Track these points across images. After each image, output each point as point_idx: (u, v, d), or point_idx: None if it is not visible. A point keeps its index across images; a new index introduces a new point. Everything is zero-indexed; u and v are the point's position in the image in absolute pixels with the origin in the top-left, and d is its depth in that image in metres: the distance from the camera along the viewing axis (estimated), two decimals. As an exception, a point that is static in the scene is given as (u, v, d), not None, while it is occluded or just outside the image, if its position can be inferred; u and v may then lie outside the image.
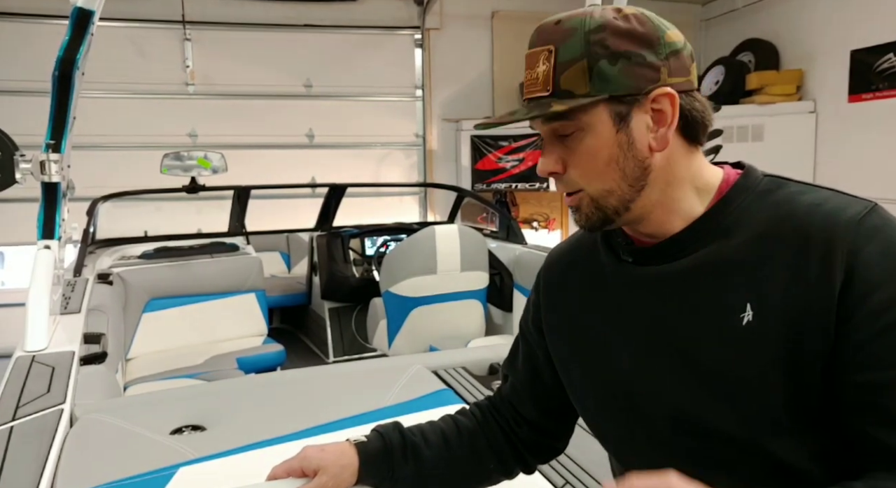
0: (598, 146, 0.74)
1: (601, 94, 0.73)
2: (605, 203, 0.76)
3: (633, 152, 0.75)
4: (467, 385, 1.64)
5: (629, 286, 0.81)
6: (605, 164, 0.75)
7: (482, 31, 6.09)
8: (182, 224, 4.63)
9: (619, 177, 0.75)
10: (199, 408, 1.43)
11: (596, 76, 0.72)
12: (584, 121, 0.74)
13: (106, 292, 2.66)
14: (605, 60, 0.73)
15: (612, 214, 0.77)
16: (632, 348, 0.81)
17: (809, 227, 0.69)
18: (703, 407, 0.74)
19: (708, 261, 0.75)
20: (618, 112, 0.74)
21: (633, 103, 0.74)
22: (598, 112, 0.74)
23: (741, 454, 0.72)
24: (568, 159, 0.76)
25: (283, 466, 0.91)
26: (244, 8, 5.51)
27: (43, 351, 1.69)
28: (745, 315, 0.70)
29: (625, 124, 0.74)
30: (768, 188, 0.76)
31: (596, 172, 0.75)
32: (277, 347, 3.23)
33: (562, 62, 0.73)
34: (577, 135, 0.75)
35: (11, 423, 1.29)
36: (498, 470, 0.99)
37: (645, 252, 0.80)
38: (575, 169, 0.76)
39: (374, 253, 4.01)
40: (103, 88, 4.98)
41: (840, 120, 4.92)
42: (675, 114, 0.75)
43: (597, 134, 0.74)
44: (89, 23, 1.75)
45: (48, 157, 1.84)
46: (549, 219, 5.97)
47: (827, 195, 0.72)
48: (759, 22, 5.66)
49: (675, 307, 0.77)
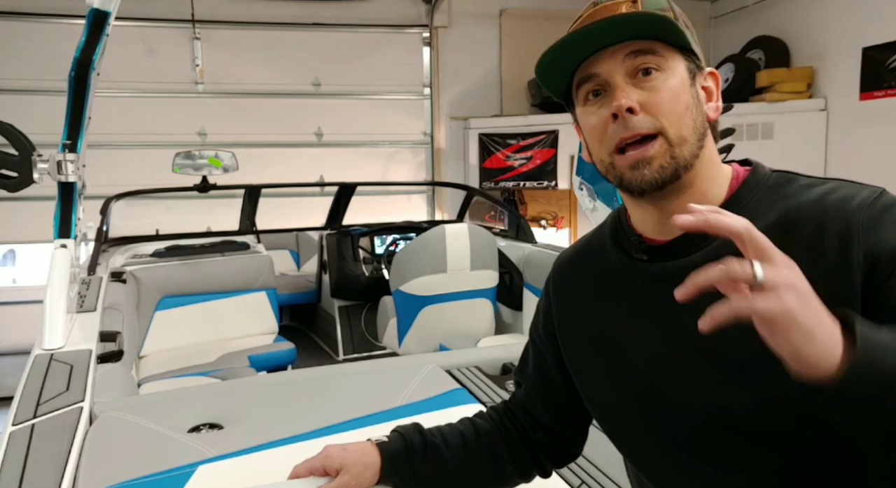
0: (680, 90, 0.75)
1: (687, 43, 0.75)
2: (680, 152, 0.74)
3: (700, 108, 0.77)
4: (481, 384, 1.65)
5: (645, 283, 0.81)
6: (685, 109, 0.75)
7: (490, 29, 6.09)
8: (192, 222, 4.65)
9: (692, 126, 0.75)
10: (215, 407, 1.44)
11: (683, 27, 0.75)
12: (669, 62, 0.75)
13: (120, 290, 2.68)
14: (682, 22, 0.76)
15: (681, 168, 0.75)
16: (652, 345, 0.80)
17: (823, 214, 0.70)
18: (726, 399, 0.73)
19: (724, 253, 0.74)
20: (690, 69, 0.77)
21: (698, 69, 0.78)
22: (679, 60, 0.76)
23: (765, 447, 0.72)
24: (647, 100, 0.74)
25: (306, 465, 0.92)
26: (253, 7, 5.52)
27: (61, 349, 1.70)
28: None
29: (694, 81, 0.77)
30: (778, 182, 0.76)
31: (677, 115, 0.74)
32: (289, 345, 3.24)
33: (652, 6, 0.75)
34: (659, 76, 0.74)
35: (33, 421, 1.31)
36: (515, 473, 1.00)
37: (659, 249, 0.80)
38: (656, 109, 0.74)
39: (384, 251, 4.02)
40: (114, 87, 5.00)
41: (851, 117, 4.89)
42: (719, 92, 0.80)
43: (678, 78, 0.75)
44: (105, 24, 1.76)
45: (65, 157, 1.86)
46: (558, 217, 5.97)
47: (836, 184, 0.73)
48: (770, 19, 5.63)
49: (693, 301, 0.77)
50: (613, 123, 0.74)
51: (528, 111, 6.05)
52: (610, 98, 0.75)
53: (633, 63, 0.74)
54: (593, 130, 0.78)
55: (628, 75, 0.74)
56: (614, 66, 0.75)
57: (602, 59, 0.75)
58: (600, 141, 0.77)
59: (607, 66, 0.75)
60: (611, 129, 0.75)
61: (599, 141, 0.77)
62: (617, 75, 0.74)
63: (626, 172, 0.76)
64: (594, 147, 0.79)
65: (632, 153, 0.74)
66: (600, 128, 0.76)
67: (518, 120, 5.73)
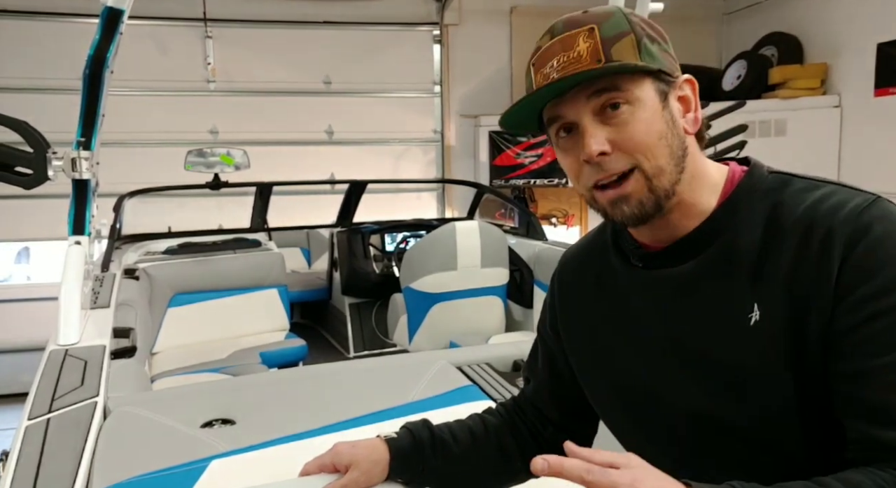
0: (651, 120, 0.74)
1: (651, 67, 0.74)
2: (658, 183, 0.74)
3: (676, 130, 0.76)
4: (492, 381, 1.65)
5: (639, 290, 0.83)
6: (657, 139, 0.74)
7: (501, 26, 6.07)
8: (204, 220, 4.68)
9: (668, 154, 0.74)
10: (228, 402, 1.45)
11: (644, 50, 0.74)
12: (635, 94, 0.73)
13: (133, 287, 2.70)
14: (646, 39, 0.75)
15: (663, 199, 0.75)
16: (645, 350, 0.82)
17: (812, 221, 0.70)
18: (716, 404, 0.75)
19: (715, 262, 0.76)
20: (660, 90, 0.75)
21: (670, 84, 0.76)
22: (646, 86, 0.74)
23: (757, 450, 0.73)
24: (617, 137, 0.73)
25: (315, 462, 0.93)
26: (264, 5, 5.54)
27: (75, 344, 1.72)
28: (753, 315, 0.71)
29: (666, 102, 0.76)
30: (773, 186, 0.76)
31: (649, 147, 0.73)
32: (300, 342, 3.25)
33: (609, 36, 0.73)
34: (627, 110, 0.73)
35: (48, 415, 1.32)
36: (524, 469, 1.00)
37: (654, 256, 0.81)
38: (628, 144, 0.73)
39: (395, 249, 4.03)
40: (126, 86, 5.03)
41: (866, 114, 4.84)
42: (697, 100, 0.78)
43: (647, 108, 0.74)
44: (119, 22, 1.77)
45: (79, 155, 1.87)
46: (568, 215, 5.95)
47: (832, 189, 0.72)
48: (783, 15, 5.58)
49: (684, 309, 0.78)
50: (587, 165, 0.75)
51: (538, 108, 6.03)
52: (580, 138, 0.75)
53: (598, 101, 0.74)
54: (569, 169, 0.79)
55: (595, 114, 0.74)
56: (579, 107, 0.74)
57: (566, 101, 0.75)
58: (577, 179, 0.78)
59: (572, 109, 0.75)
60: (585, 170, 0.76)
61: (576, 179, 0.78)
62: (584, 117, 0.74)
63: (608, 208, 0.76)
64: (573, 182, 0.80)
65: (609, 192, 0.75)
66: (575, 168, 0.77)
67: (529, 117, 5.71)
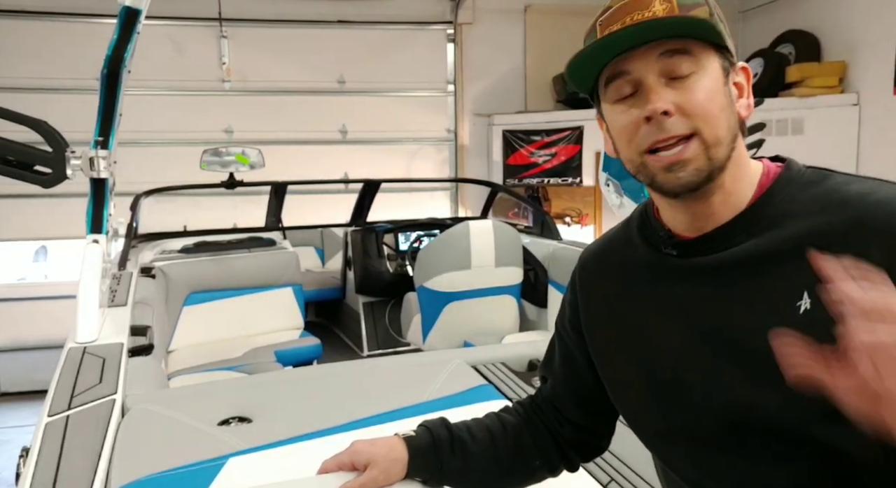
0: (716, 90, 0.73)
1: (724, 40, 0.74)
2: (715, 152, 0.73)
3: (733, 108, 0.75)
4: (507, 380, 1.64)
5: (673, 278, 0.80)
6: (719, 109, 0.73)
7: (515, 25, 6.06)
8: (219, 219, 4.71)
9: (726, 126, 0.74)
10: (244, 400, 1.45)
11: (717, 22, 0.74)
12: (704, 61, 0.73)
13: (149, 285, 2.72)
14: (716, 16, 0.74)
15: (716, 170, 0.73)
16: (678, 340, 0.79)
17: (863, 215, 0.68)
18: (754, 397, 0.72)
19: (759, 251, 0.73)
20: (724, 67, 0.75)
21: (731, 65, 0.76)
22: (713, 59, 0.74)
23: (794, 445, 0.71)
24: (682, 100, 0.72)
25: (334, 460, 0.93)
26: (279, 5, 5.56)
27: (93, 342, 1.73)
28: (802, 303, 0.69)
29: (727, 80, 0.75)
30: (813, 179, 0.75)
31: (713, 116, 0.72)
32: (314, 341, 3.26)
33: (686, 3, 0.73)
34: (693, 76, 0.72)
35: (67, 413, 1.33)
36: (543, 467, 1.00)
37: (689, 244, 0.79)
38: (692, 109, 0.72)
39: (408, 248, 4.03)
40: (142, 86, 5.08)
41: (885, 113, 4.77)
42: (750, 88, 0.78)
43: (713, 78, 0.73)
44: (136, 21, 1.78)
45: (97, 154, 1.89)
46: (582, 214, 5.93)
47: (874, 185, 0.71)
48: (800, 12, 5.52)
49: (724, 297, 0.75)
50: (646, 125, 0.73)
51: (552, 107, 6.01)
52: (642, 99, 0.73)
53: (667, 63, 0.72)
54: (622, 131, 0.76)
55: (661, 75, 0.72)
56: (647, 65, 0.72)
57: (634, 57, 0.73)
58: (630, 141, 0.75)
59: (640, 64, 0.73)
60: (643, 131, 0.73)
61: (629, 141, 0.76)
62: (650, 75, 0.72)
63: (660, 174, 0.74)
64: (622, 147, 0.77)
65: (666, 155, 0.73)
66: (630, 128, 0.75)
67: (542, 116, 5.69)
